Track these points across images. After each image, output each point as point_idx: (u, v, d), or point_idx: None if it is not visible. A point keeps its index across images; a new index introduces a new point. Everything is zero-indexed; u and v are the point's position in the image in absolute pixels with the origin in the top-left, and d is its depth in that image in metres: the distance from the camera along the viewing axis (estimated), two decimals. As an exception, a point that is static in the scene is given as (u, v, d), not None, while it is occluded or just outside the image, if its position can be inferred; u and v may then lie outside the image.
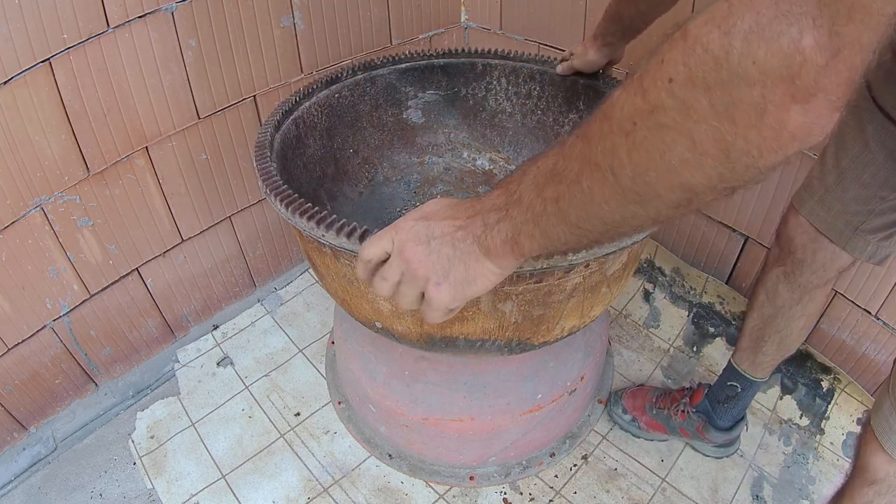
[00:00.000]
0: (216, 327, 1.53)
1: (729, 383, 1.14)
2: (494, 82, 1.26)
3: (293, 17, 1.27)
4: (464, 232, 0.53)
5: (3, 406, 1.17)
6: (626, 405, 1.28)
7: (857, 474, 0.84)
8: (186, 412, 1.34)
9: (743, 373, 1.11)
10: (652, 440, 1.27)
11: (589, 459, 1.24)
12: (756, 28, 0.30)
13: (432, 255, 0.54)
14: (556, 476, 1.21)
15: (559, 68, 1.15)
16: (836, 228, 0.89)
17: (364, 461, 1.24)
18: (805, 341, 1.28)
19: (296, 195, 0.79)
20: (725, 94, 0.32)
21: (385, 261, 0.57)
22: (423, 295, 0.56)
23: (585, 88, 1.15)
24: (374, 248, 0.57)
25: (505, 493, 1.19)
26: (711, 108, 0.33)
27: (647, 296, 1.55)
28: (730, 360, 1.15)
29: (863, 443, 0.83)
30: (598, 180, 0.41)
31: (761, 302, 1.04)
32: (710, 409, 1.17)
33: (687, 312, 1.49)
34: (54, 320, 1.18)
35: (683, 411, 1.20)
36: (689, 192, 0.38)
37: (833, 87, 0.31)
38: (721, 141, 0.34)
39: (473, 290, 0.55)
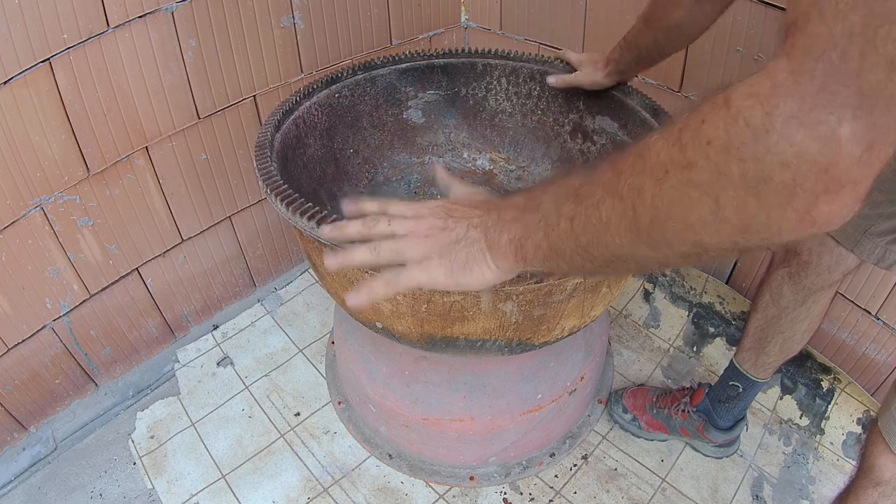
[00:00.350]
0: (216, 327, 1.53)
1: (731, 383, 1.14)
2: (494, 82, 1.26)
3: (293, 17, 1.27)
4: (478, 220, 0.55)
5: (3, 406, 1.17)
6: (627, 405, 1.28)
7: (862, 475, 0.84)
8: (186, 412, 1.34)
9: (745, 373, 1.11)
10: (652, 440, 1.27)
11: (589, 459, 1.24)
12: (798, 113, 0.31)
13: (445, 231, 0.55)
14: (556, 476, 1.22)
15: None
16: (845, 231, 0.88)
17: (364, 461, 1.24)
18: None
19: (296, 195, 0.79)
20: (758, 169, 0.33)
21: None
22: (398, 267, 0.57)
23: (585, 88, 1.15)
24: (400, 207, 0.59)
25: (505, 493, 1.19)
26: (742, 179, 0.34)
27: (647, 296, 1.55)
28: (732, 360, 1.14)
29: (869, 443, 0.83)
30: (617, 213, 0.42)
31: (765, 303, 1.04)
32: (711, 409, 1.17)
33: (687, 312, 1.49)
34: (54, 320, 1.18)
35: (684, 411, 1.20)
36: (701, 248, 0.39)
37: (862, 179, 0.31)
38: (744, 212, 0.35)
39: (467, 281, 0.55)
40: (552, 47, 1.50)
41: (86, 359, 1.28)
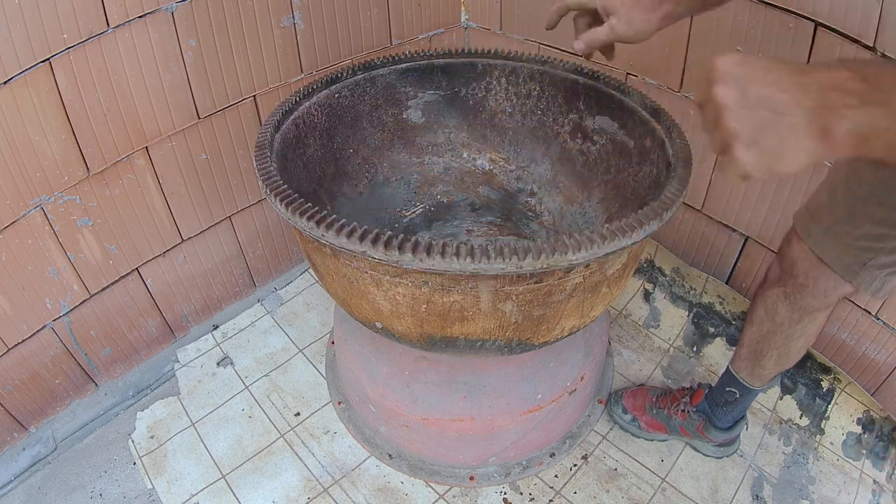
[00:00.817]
0: (216, 327, 1.53)
1: (728, 389, 1.13)
2: (494, 82, 1.26)
3: (293, 17, 1.27)
4: (792, 97, 0.48)
5: (3, 406, 1.17)
6: (626, 405, 1.28)
7: None
8: (186, 412, 1.34)
9: (741, 380, 1.10)
10: (652, 440, 1.27)
11: (589, 459, 1.24)
12: None
13: (745, 108, 0.49)
14: (556, 476, 1.22)
15: (580, 45, 0.85)
16: (844, 262, 0.85)
17: (364, 461, 1.24)
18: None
19: (296, 195, 0.79)
20: None
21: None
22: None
23: (585, 88, 1.15)
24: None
25: (505, 493, 1.19)
26: None
27: (647, 296, 1.55)
28: (728, 367, 1.13)
29: None
30: None
31: (760, 317, 1.02)
32: (710, 411, 1.17)
33: (687, 312, 1.49)
34: (54, 320, 1.18)
35: (684, 411, 1.20)
36: None
37: None
38: None
39: (781, 166, 0.50)
40: (552, 47, 1.50)
41: (86, 359, 1.28)
